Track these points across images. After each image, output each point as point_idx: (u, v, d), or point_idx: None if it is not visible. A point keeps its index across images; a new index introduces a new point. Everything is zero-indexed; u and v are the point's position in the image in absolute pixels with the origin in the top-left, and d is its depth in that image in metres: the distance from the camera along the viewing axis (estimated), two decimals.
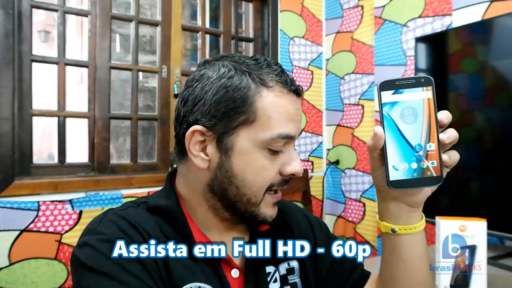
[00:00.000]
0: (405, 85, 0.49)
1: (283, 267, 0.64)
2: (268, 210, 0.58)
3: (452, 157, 0.49)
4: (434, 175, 0.48)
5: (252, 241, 0.60)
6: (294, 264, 0.65)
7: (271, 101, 0.55)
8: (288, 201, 0.78)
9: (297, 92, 0.58)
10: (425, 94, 0.48)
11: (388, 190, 0.51)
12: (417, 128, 0.48)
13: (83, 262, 0.50)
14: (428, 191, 0.52)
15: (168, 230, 0.57)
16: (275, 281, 0.62)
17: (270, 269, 0.62)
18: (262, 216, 0.58)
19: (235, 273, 0.59)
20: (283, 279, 0.63)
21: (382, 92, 0.49)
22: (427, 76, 0.49)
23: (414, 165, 0.48)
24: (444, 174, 0.48)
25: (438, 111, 0.48)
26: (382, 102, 0.49)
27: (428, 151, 0.48)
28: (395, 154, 0.48)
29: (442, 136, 0.48)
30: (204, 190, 0.58)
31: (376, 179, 0.54)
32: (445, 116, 0.48)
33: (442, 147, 0.48)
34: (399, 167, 0.48)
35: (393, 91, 0.49)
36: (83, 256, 0.51)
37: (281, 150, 0.57)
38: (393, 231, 0.54)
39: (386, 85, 0.49)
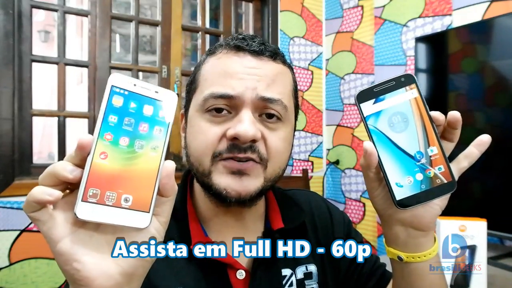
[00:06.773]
0: (385, 90, 0.42)
1: (300, 271, 0.60)
2: (221, 180, 0.51)
3: (470, 155, 0.43)
4: (445, 181, 0.41)
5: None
6: (312, 268, 0.61)
7: (210, 65, 0.55)
8: (313, 193, 0.73)
9: (251, 50, 0.53)
10: (410, 94, 0.42)
11: (392, 213, 0.45)
12: (411, 134, 0.41)
13: None
14: (437, 209, 0.45)
15: (170, 228, 0.57)
16: (291, 285, 0.58)
17: (286, 272, 0.58)
18: (215, 187, 0.51)
19: (240, 274, 0.55)
20: (300, 284, 0.59)
21: (361, 105, 0.42)
22: (407, 74, 0.42)
23: (420, 176, 0.41)
24: (456, 177, 0.42)
25: (430, 110, 0.42)
26: (365, 116, 0.42)
27: (431, 156, 0.41)
28: (395, 169, 0.41)
29: (446, 135, 0.43)
30: None
31: (376, 202, 0.46)
32: (438, 113, 0.42)
33: (449, 136, 0.43)
34: (403, 183, 0.41)
35: (373, 100, 0.42)
36: None
37: (226, 112, 0.52)
38: (400, 259, 0.47)
39: (364, 95, 0.42)
